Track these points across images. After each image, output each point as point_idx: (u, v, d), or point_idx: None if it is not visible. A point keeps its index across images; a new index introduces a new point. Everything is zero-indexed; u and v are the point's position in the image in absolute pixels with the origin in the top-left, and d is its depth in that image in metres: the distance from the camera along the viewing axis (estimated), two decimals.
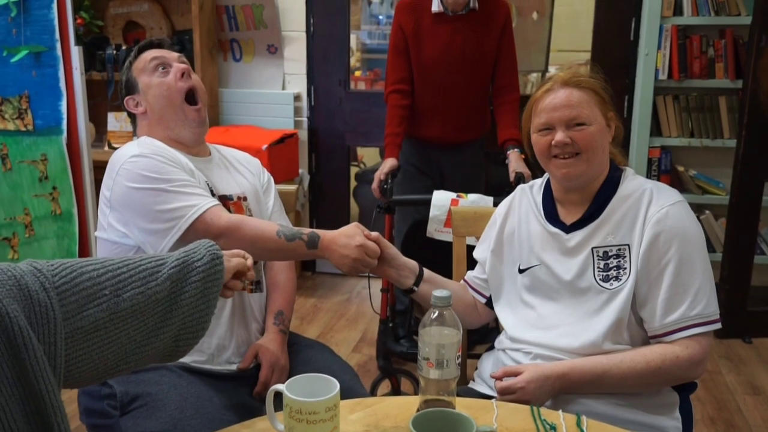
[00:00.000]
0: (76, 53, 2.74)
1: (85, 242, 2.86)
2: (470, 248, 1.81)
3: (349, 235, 1.55)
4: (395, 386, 2.77)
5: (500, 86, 2.98)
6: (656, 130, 3.53)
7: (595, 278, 1.46)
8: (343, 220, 4.17)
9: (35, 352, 0.86)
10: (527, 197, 1.65)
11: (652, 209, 1.44)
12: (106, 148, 3.74)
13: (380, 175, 2.82)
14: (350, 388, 1.59)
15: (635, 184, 1.50)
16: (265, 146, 3.47)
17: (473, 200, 2.48)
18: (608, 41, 3.68)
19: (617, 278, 1.44)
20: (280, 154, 3.62)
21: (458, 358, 1.19)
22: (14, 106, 2.77)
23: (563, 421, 1.24)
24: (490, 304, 1.67)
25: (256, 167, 1.89)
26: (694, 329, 1.39)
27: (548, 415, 1.26)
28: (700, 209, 3.53)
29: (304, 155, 4.02)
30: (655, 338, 1.43)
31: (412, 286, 1.60)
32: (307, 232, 1.58)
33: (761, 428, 2.61)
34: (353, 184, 4.37)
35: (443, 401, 1.19)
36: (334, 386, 1.12)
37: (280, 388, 1.13)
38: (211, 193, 1.67)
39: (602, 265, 1.46)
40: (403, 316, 3.10)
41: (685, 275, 1.40)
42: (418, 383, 2.78)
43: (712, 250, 3.47)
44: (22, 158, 2.81)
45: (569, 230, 1.52)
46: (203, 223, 1.55)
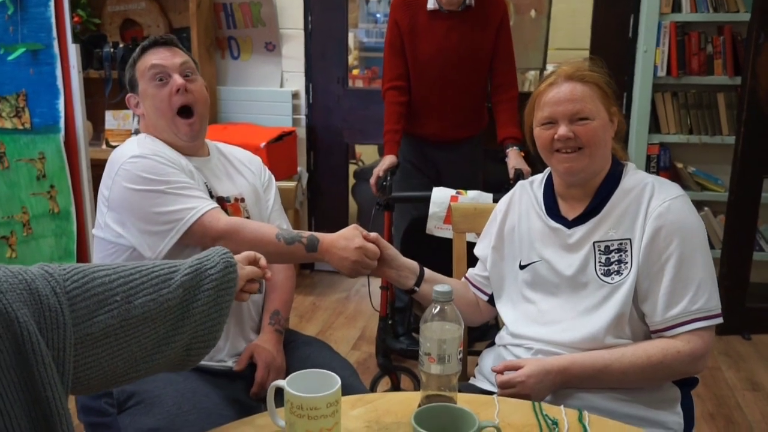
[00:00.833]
0: (73, 51, 2.73)
1: (83, 241, 2.86)
2: (470, 245, 1.81)
3: (347, 237, 1.56)
4: (395, 383, 2.77)
5: (498, 84, 2.98)
6: (655, 126, 3.53)
7: (596, 272, 1.46)
8: (341, 217, 4.16)
9: (43, 358, 0.85)
10: (527, 193, 1.64)
11: (653, 203, 1.44)
12: (103, 146, 3.73)
13: (379, 172, 2.82)
14: (350, 384, 1.58)
15: (637, 178, 1.50)
16: (263, 144, 3.46)
17: (473, 197, 2.48)
18: (607, 38, 3.68)
19: (618, 272, 1.44)
20: (278, 151, 3.62)
21: (460, 353, 1.19)
22: (11, 104, 2.76)
23: (565, 416, 1.24)
24: (491, 301, 1.67)
25: (257, 166, 1.88)
26: (695, 323, 1.39)
27: (550, 410, 1.26)
28: (699, 206, 3.52)
29: (302, 153, 4.02)
30: (656, 333, 1.43)
31: (413, 286, 1.60)
32: (306, 235, 1.58)
33: (760, 424, 2.61)
34: (352, 181, 4.36)
35: (444, 396, 1.19)
36: (335, 382, 1.12)
37: (281, 383, 1.13)
38: (209, 194, 1.67)
39: (603, 259, 1.46)
40: (402, 313, 3.10)
41: (686, 269, 1.40)
42: (418, 380, 2.78)
43: (711, 246, 3.45)
44: (19, 157, 2.80)
45: (571, 225, 1.51)
46: (201, 226, 1.55)
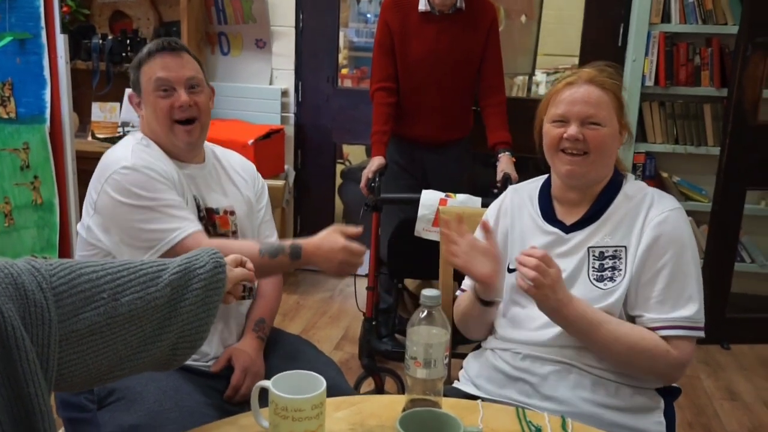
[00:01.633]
0: (61, 41, 2.71)
1: (65, 233, 2.83)
2: None
3: (331, 239, 1.57)
4: (379, 385, 2.77)
5: (486, 87, 2.99)
6: (641, 135, 3.56)
7: (588, 277, 1.47)
8: (327, 217, 4.15)
9: (27, 353, 0.85)
10: (519, 197, 1.64)
11: (652, 212, 1.45)
12: (89, 138, 3.69)
13: (368, 173, 2.81)
14: (336, 384, 1.57)
15: (637, 187, 1.52)
16: (251, 141, 3.44)
17: (462, 200, 2.49)
18: (596, 46, 3.70)
19: (611, 279, 1.45)
20: (266, 149, 3.60)
21: (446, 358, 1.19)
22: None
23: (548, 422, 1.24)
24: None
25: (251, 173, 1.87)
26: (681, 331, 1.40)
27: (533, 416, 1.26)
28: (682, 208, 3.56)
29: (290, 151, 4.00)
30: None
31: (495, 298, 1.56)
32: (288, 244, 1.59)
33: None
34: (339, 181, 4.36)
35: (429, 401, 1.19)
36: (320, 384, 1.12)
37: (265, 384, 1.12)
38: (198, 207, 1.67)
39: (597, 265, 1.47)
40: (386, 314, 3.11)
41: (679, 280, 1.41)
42: (401, 382, 2.80)
43: None
44: (3, 146, 2.77)
45: (569, 230, 1.52)
46: (183, 247, 1.53)
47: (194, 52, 1.74)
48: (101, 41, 3.67)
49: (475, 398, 1.48)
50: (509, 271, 1.58)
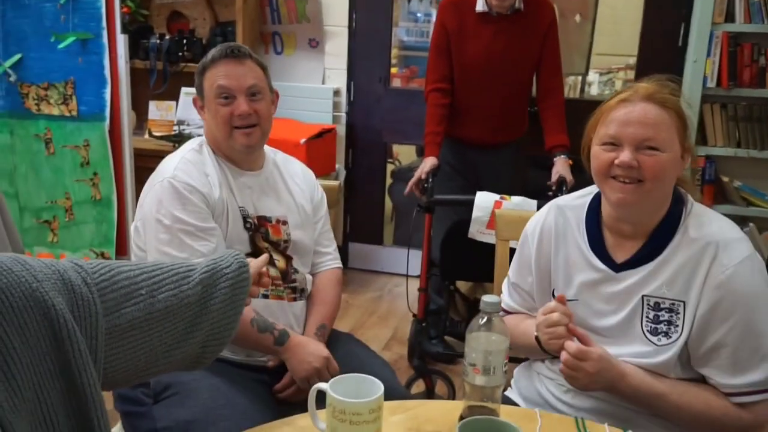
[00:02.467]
0: (121, 41, 2.76)
1: (122, 229, 2.89)
2: (513, 251, 1.78)
3: (318, 346, 1.65)
4: (429, 387, 2.75)
5: (544, 89, 2.94)
6: (702, 138, 3.45)
7: (642, 329, 1.34)
8: (377, 216, 4.16)
9: (79, 345, 0.86)
10: (563, 219, 1.47)
11: (714, 269, 1.28)
12: (146, 135, 3.76)
13: (421, 174, 2.80)
14: (391, 387, 1.57)
15: (699, 227, 1.33)
16: (303, 140, 3.46)
17: (517, 203, 2.45)
18: (655, 46, 3.61)
19: (667, 335, 1.32)
20: (318, 148, 3.62)
21: (505, 365, 1.16)
22: (60, 91, 2.80)
23: None
24: None
25: (310, 183, 1.88)
26: (757, 396, 1.29)
27: (593, 427, 1.23)
28: (743, 221, 3.44)
29: (341, 150, 4.01)
30: None
31: None
32: (279, 327, 1.63)
33: None
34: (389, 181, 4.35)
35: (487, 408, 1.17)
36: (378, 388, 1.11)
37: (323, 386, 1.12)
38: (244, 217, 1.68)
39: (652, 315, 1.33)
40: (436, 316, 3.09)
41: (750, 341, 1.28)
42: (452, 385, 2.78)
43: None
44: (65, 143, 2.84)
45: (619, 269, 1.37)
46: None
47: (254, 55, 1.75)
48: (159, 41, 3.73)
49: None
50: (554, 297, 1.46)
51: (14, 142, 2.85)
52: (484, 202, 2.51)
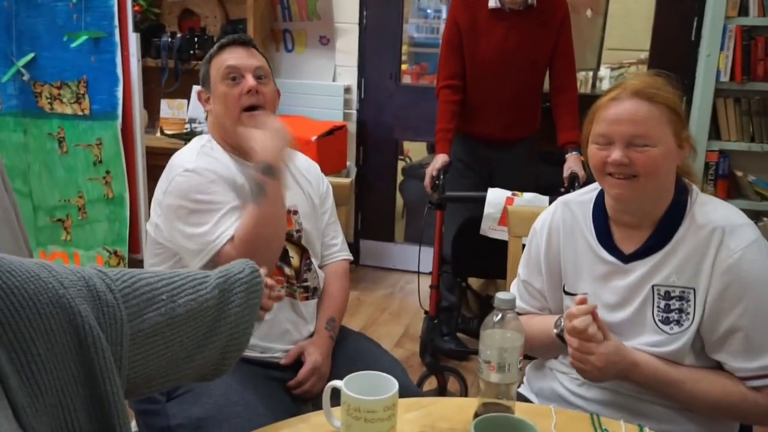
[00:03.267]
0: (133, 40, 2.76)
1: (135, 227, 2.90)
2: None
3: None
4: (442, 384, 2.75)
5: (557, 85, 2.93)
6: (715, 133, 3.43)
7: (653, 318, 1.35)
8: (388, 214, 4.16)
9: (104, 352, 0.87)
10: (571, 214, 1.48)
11: (722, 254, 1.29)
12: (158, 134, 3.78)
13: (432, 170, 2.80)
14: (403, 384, 1.57)
15: (705, 215, 1.34)
16: (314, 137, 3.46)
17: (529, 199, 2.45)
18: (668, 41, 3.59)
19: (678, 323, 1.33)
20: (328, 145, 3.62)
21: (520, 362, 1.16)
22: (72, 90, 2.81)
23: (625, 431, 1.20)
24: None
25: (315, 175, 1.88)
26: None
27: (609, 424, 1.23)
28: (758, 216, 3.42)
29: (352, 148, 4.01)
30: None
31: None
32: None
33: None
34: (400, 178, 4.35)
35: (502, 405, 1.16)
36: (392, 385, 1.11)
37: (338, 384, 1.12)
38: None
39: (663, 305, 1.34)
40: (448, 313, 3.09)
41: (763, 324, 1.28)
42: (464, 382, 2.78)
43: None
44: (78, 142, 2.85)
45: (628, 260, 1.38)
46: (223, 255, 1.55)
47: (259, 48, 1.77)
48: (170, 39, 3.74)
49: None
50: (566, 293, 1.48)
51: (28, 141, 2.86)
52: (495, 198, 2.51)
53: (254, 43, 1.75)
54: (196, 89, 3.79)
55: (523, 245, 1.82)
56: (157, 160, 2.79)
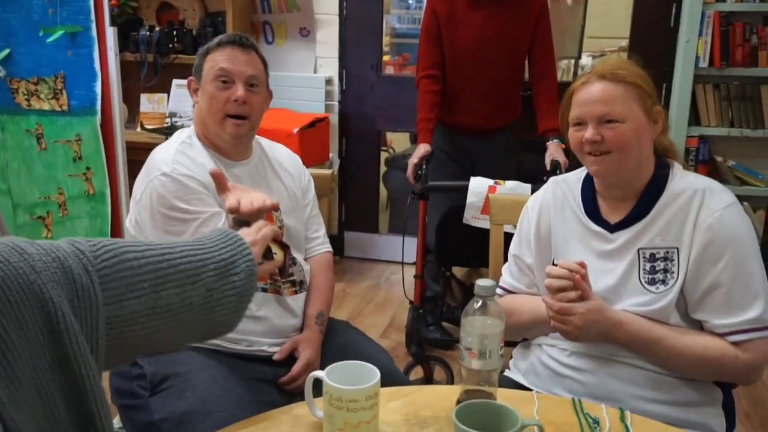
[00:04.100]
0: (110, 34, 2.74)
1: (117, 223, 2.88)
2: (507, 235, 1.78)
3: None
4: (428, 373, 2.76)
5: (537, 74, 2.93)
6: (695, 119, 3.45)
7: (640, 280, 1.41)
8: (372, 205, 4.15)
9: (76, 337, 0.86)
10: (561, 191, 1.57)
11: (703, 213, 1.37)
12: (138, 129, 3.75)
13: (414, 160, 2.80)
14: (390, 373, 1.59)
15: (685, 182, 1.43)
16: (296, 130, 3.45)
17: (511, 187, 2.45)
18: (647, 28, 3.60)
19: (664, 282, 1.39)
20: (311, 138, 3.61)
21: (501, 349, 1.17)
22: (50, 86, 2.78)
23: (606, 415, 1.22)
24: None
25: (297, 168, 1.88)
26: (752, 333, 1.34)
27: (591, 408, 1.24)
28: (739, 201, 3.45)
29: (334, 139, 4.00)
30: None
31: None
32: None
33: None
34: (383, 169, 4.35)
35: (484, 392, 1.17)
36: (374, 374, 1.11)
37: (319, 375, 1.12)
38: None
39: (648, 267, 1.40)
40: (433, 302, 3.10)
41: (742, 280, 1.34)
42: (450, 370, 2.79)
43: None
44: (56, 138, 2.82)
45: (614, 230, 1.45)
46: None
47: (260, 51, 1.74)
48: (149, 33, 3.71)
49: (525, 389, 1.46)
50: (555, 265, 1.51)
51: (5, 137, 2.83)
52: (478, 187, 2.51)
53: (256, 47, 1.71)
54: (176, 83, 3.79)
55: (504, 233, 1.83)
56: (138, 155, 2.77)
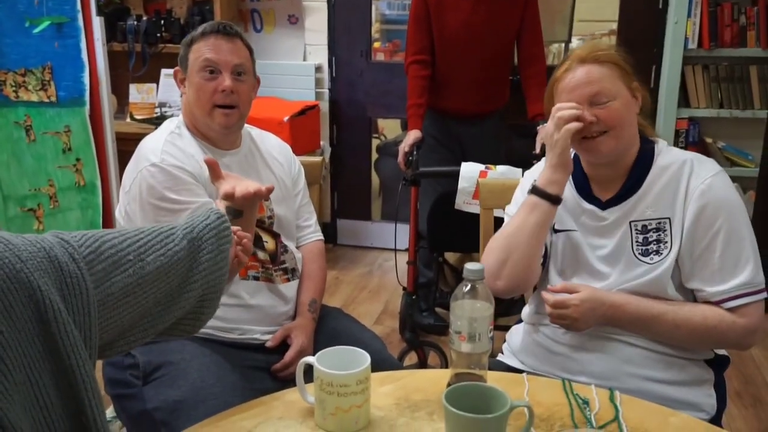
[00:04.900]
0: (97, 24, 2.72)
1: (108, 213, 2.87)
2: (498, 220, 1.79)
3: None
4: (422, 358, 2.77)
5: (526, 58, 2.93)
6: (684, 100, 3.46)
7: (633, 253, 1.43)
8: (364, 192, 4.15)
9: (66, 326, 0.86)
10: None
11: (693, 182, 1.40)
12: (128, 119, 3.73)
13: (405, 147, 2.80)
14: (383, 358, 1.61)
15: (672, 155, 1.46)
16: (286, 118, 3.44)
17: (502, 172, 2.46)
18: (636, 10, 3.60)
19: (658, 252, 1.41)
20: (301, 126, 3.60)
21: (490, 331, 1.18)
22: (37, 77, 2.76)
23: (596, 395, 1.23)
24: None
25: (287, 157, 1.87)
26: (748, 297, 1.37)
27: (580, 389, 1.25)
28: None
29: (325, 127, 3.99)
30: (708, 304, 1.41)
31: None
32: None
33: None
34: (375, 156, 4.34)
35: (474, 375, 1.18)
36: (364, 359, 1.12)
37: (310, 360, 1.13)
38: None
39: (641, 239, 1.43)
40: (426, 288, 3.10)
41: (735, 245, 1.37)
42: (444, 356, 2.80)
43: None
44: (45, 129, 2.81)
45: (605, 207, 1.47)
46: None
47: (244, 38, 1.72)
48: (136, 23, 3.69)
49: (519, 371, 1.47)
50: (555, 231, 1.53)
51: None
52: (469, 172, 2.52)
53: (240, 34, 1.70)
54: (165, 73, 3.77)
55: (495, 218, 1.84)
56: (127, 145, 2.75)
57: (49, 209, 2.88)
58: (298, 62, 3.94)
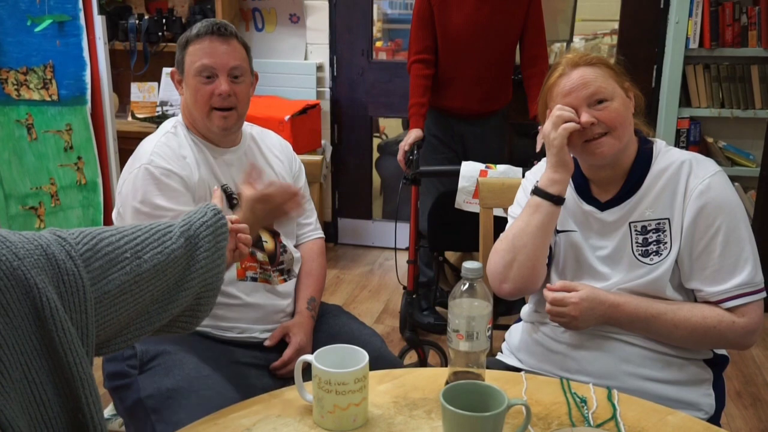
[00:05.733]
0: (99, 23, 2.72)
1: (109, 212, 2.88)
2: (497, 219, 1.79)
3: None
4: (422, 357, 2.78)
5: (529, 57, 2.93)
6: (685, 100, 3.46)
7: (633, 254, 1.43)
8: (365, 191, 4.16)
9: (62, 323, 0.86)
10: None
11: (692, 182, 1.40)
12: (129, 118, 3.74)
13: (405, 146, 2.80)
14: (382, 355, 1.61)
15: (671, 156, 1.45)
16: (287, 117, 3.45)
17: (502, 171, 2.46)
18: (637, 9, 3.60)
19: (657, 253, 1.41)
20: (302, 125, 3.60)
21: (488, 330, 1.18)
22: (39, 75, 2.77)
23: (594, 394, 1.23)
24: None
25: (287, 155, 1.87)
26: (747, 297, 1.37)
27: (578, 388, 1.25)
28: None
29: (326, 126, 4.00)
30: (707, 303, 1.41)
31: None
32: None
33: None
34: (376, 155, 4.35)
35: (472, 373, 1.18)
36: (362, 357, 1.12)
37: (309, 358, 1.13)
38: (229, 195, 1.67)
39: (641, 240, 1.43)
40: (426, 287, 3.11)
41: (734, 244, 1.37)
42: (444, 354, 2.80)
43: None
44: (47, 128, 2.81)
45: (604, 208, 1.47)
46: None
47: (240, 36, 1.72)
48: (138, 21, 3.69)
49: (517, 370, 1.47)
50: (556, 232, 1.53)
51: None
52: (469, 171, 2.52)
53: (236, 33, 1.68)
54: (166, 71, 3.77)
55: (495, 217, 1.84)
56: (129, 144, 2.76)
57: (50, 208, 2.88)
58: (299, 61, 3.94)
